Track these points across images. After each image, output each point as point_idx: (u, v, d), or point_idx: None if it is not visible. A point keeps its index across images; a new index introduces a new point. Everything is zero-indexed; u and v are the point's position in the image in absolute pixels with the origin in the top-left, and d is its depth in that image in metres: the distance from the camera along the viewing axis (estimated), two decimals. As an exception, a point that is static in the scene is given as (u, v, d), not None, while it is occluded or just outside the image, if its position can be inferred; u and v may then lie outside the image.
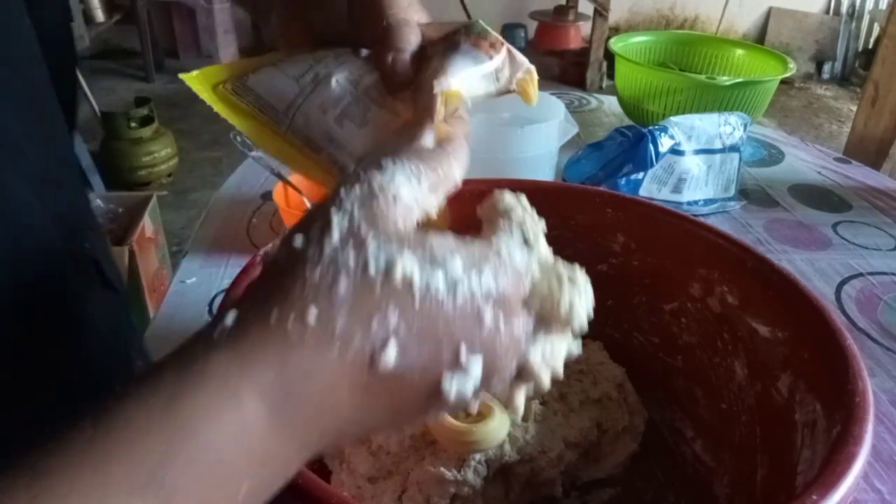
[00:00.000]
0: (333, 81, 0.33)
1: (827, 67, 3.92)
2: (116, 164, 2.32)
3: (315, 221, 0.23)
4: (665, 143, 0.79)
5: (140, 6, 3.11)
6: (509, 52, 0.34)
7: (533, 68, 0.35)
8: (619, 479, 0.47)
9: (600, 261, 0.53)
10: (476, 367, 0.23)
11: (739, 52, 1.13)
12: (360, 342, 0.21)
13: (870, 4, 3.81)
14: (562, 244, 0.55)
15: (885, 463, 0.49)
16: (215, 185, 1.22)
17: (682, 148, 0.80)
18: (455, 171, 0.28)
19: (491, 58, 0.33)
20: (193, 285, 0.66)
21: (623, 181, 0.80)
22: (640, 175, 0.80)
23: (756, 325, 0.42)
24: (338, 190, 0.24)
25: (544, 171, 0.77)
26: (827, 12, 3.98)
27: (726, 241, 0.46)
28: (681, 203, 0.82)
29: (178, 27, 3.59)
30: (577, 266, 0.27)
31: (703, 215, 0.82)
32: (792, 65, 1.02)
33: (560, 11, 3.66)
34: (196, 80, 0.35)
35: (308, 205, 0.71)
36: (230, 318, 0.21)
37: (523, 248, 0.26)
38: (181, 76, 0.35)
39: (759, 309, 0.42)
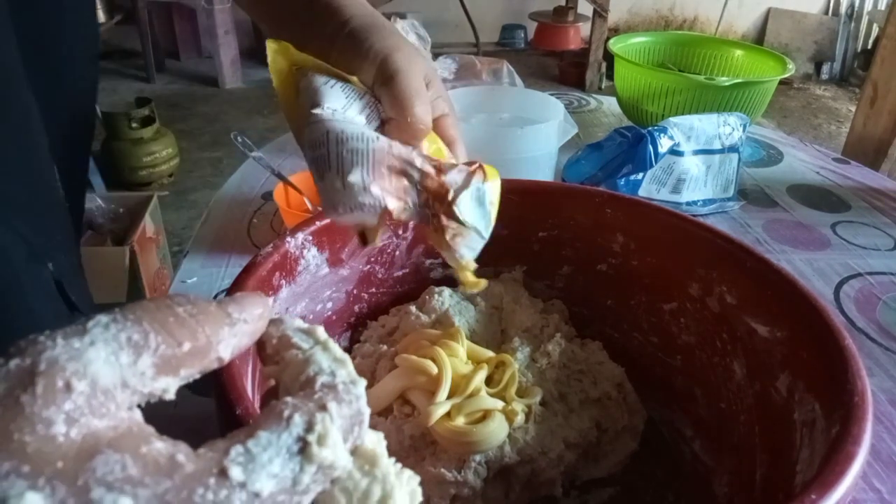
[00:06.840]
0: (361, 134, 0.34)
1: (826, 68, 3.93)
2: (117, 164, 2.32)
3: None
4: (664, 144, 0.79)
5: (141, 7, 3.11)
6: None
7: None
8: (618, 479, 0.47)
9: (600, 261, 0.53)
10: None
11: (738, 52, 1.13)
12: None
13: (868, 5, 3.81)
14: (561, 244, 0.56)
15: (884, 462, 0.49)
16: (216, 186, 1.22)
17: (681, 148, 0.81)
18: (222, 334, 0.19)
19: None
20: (194, 285, 0.66)
21: (622, 181, 0.80)
22: (640, 175, 0.80)
23: (755, 325, 0.42)
24: None
25: (544, 171, 0.77)
26: (826, 13, 3.98)
27: (725, 241, 0.46)
28: (680, 203, 0.82)
29: (178, 28, 3.60)
30: (406, 475, 0.20)
31: (702, 215, 0.82)
32: (791, 65, 1.02)
33: (559, 12, 3.66)
34: (278, 52, 0.37)
35: (309, 205, 0.71)
36: None
37: (288, 464, 0.17)
38: (268, 42, 0.37)
39: (757, 309, 0.42)
